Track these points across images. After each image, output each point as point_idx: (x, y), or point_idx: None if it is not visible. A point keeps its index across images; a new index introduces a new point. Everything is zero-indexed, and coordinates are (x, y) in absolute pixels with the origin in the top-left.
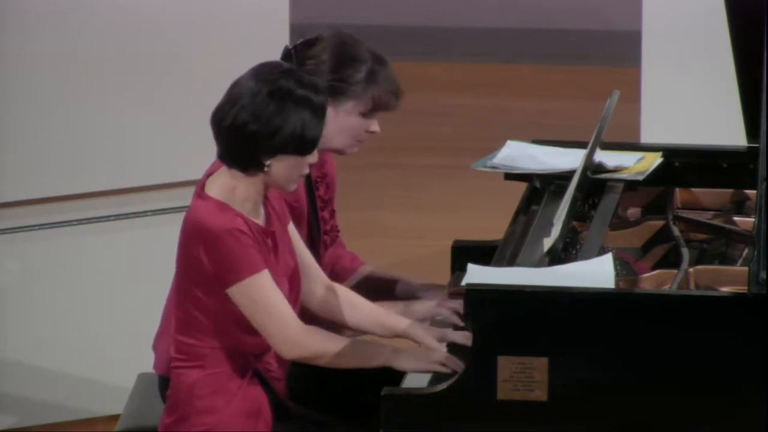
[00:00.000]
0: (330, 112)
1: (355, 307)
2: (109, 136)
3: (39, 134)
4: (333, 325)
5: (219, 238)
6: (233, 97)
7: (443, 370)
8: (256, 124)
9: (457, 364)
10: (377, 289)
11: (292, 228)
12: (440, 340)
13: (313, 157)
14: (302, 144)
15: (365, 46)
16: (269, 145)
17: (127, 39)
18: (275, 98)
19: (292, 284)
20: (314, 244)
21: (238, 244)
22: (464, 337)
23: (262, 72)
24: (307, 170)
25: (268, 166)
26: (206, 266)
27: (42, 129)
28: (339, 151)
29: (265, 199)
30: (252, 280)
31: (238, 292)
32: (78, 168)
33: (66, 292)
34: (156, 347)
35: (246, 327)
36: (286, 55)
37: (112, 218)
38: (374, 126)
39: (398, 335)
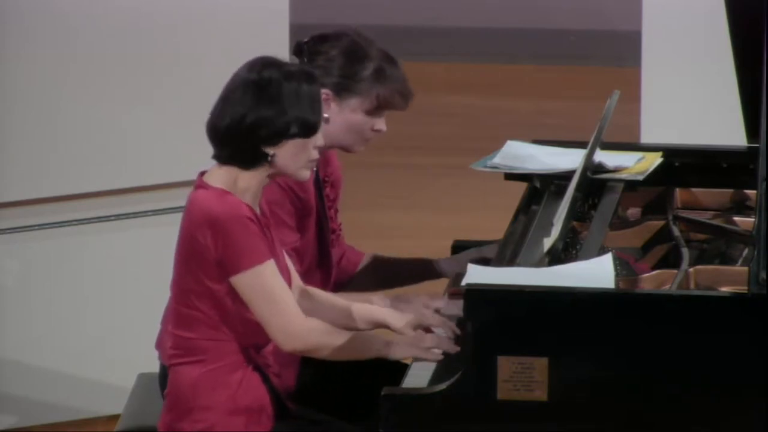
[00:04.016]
0: (334, 108)
1: (330, 306)
2: (109, 136)
3: (39, 134)
4: None
5: (227, 224)
6: (225, 96)
7: (436, 356)
8: (253, 114)
9: (450, 347)
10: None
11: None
12: (415, 326)
13: (318, 140)
14: (303, 126)
15: (377, 45)
16: (270, 133)
17: (127, 39)
18: (265, 89)
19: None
20: (324, 241)
21: (245, 232)
22: (438, 320)
23: (249, 67)
24: (316, 154)
25: (273, 156)
26: (212, 253)
27: (42, 129)
28: (345, 149)
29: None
30: (258, 270)
31: (242, 281)
32: (78, 168)
33: (66, 292)
34: (160, 340)
35: (246, 320)
36: (298, 49)
37: (112, 218)
38: (380, 124)
39: (378, 326)
